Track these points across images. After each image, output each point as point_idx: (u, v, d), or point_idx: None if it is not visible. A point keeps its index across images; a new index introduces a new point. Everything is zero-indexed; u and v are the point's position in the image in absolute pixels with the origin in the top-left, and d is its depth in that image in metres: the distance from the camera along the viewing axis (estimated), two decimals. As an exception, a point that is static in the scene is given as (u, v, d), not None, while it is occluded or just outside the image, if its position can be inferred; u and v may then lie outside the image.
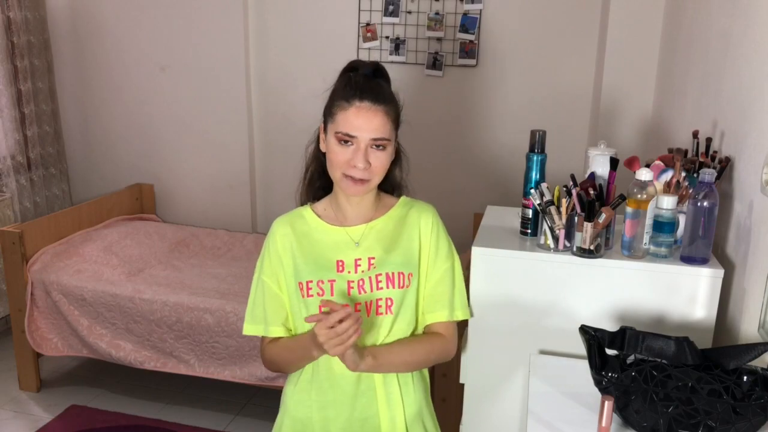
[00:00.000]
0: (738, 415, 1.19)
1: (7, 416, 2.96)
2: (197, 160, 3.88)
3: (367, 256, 1.48)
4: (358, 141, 1.40)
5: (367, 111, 1.39)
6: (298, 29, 3.58)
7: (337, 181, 1.45)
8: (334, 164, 1.43)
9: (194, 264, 3.33)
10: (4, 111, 3.56)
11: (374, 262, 1.48)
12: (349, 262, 1.48)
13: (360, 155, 1.40)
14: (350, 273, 1.47)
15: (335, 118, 1.41)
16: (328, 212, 1.54)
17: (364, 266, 1.48)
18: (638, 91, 2.97)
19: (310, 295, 1.46)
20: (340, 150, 1.41)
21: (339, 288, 1.46)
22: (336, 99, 1.43)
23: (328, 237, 1.51)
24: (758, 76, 1.61)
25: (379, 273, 1.47)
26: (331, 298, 1.45)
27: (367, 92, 1.40)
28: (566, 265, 1.66)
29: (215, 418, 2.97)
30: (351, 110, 1.39)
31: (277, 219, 1.55)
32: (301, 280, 1.47)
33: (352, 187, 1.43)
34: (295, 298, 1.48)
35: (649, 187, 1.59)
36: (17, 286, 3.05)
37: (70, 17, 3.87)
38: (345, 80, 1.44)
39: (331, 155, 1.43)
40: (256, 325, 1.52)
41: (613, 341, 1.33)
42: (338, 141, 1.41)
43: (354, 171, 1.41)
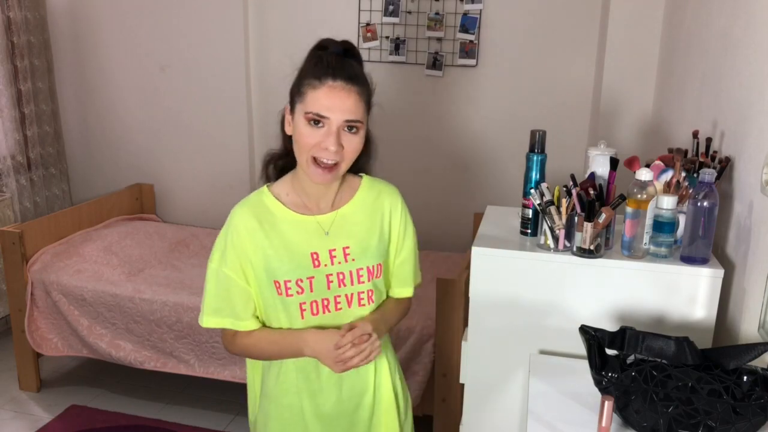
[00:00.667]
0: (738, 415, 1.19)
1: (7, 416, 2.96)
2: (197, 160, 3.88)
3: (341, 245, 1.43)
4: (330, 122, 1.31)
5: (341, 90, 1.31)
6: (298, 29, 3.58)
7: (304, 166, 1.36)
8: (301, 147, 1.34)
9: (194, 264, 3.33)
10: (4, 111, 3.56)
11: (350, 252, 1.43)
12: (324, 253, 1.42)
13: (332, 137, 1.31)
14: (327, 266, 1.42)
15: (304, 97, 1.32)
16: (292, 198, 1.45)
17: (339, 257, 1.43)
18: (638, 91, 2.97)
19: (290, 294, 1.41)
20: (309, 132, 1.32)
21: (318, 284, 1.41)
22: (305, 77, 1.33)
23: (298, 227, 1.43)
24: (758, 76, 1.61)
25: (360, 267, 1.44)
26: (311, 295, 1.41)
27: (340, 71, 1.32)
28: (566, 265, 1.66)
29: (215, 418, 2.97)
30: (323, 89, 1.31)
31: (236, 208, 1.45)
32: (276, 279, 1.40)
33: (320, 175, 1.35)
34: (269, 294, 1.42)
35: (649, 187, 1.59)
36: (17, 286, 3.05)
37: (70, 17, 3.87)
38: (315, 58, 1.36)
39: (299, 137, 1.34)
40: (221, 318, 1.45)
41: (613, 341, 1.33)
42: (308, 122, 1.32)
43: (324, 154, 1.32)
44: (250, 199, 1.46)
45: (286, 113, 1.41)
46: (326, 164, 1.34)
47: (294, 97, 1.37)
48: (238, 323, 1.45)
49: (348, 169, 1.40)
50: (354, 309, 1.46)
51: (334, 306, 1.44)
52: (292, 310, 1.42)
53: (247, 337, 1.47)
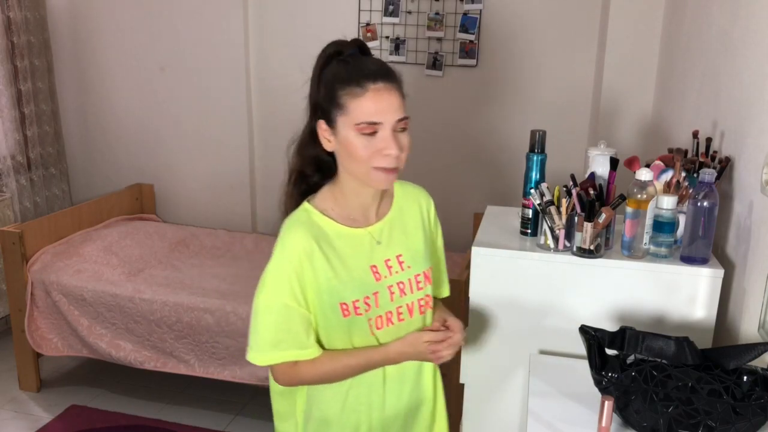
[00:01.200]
0: (738, 415, 1.19)
1: (7, 416, 2.96)
2: (197, 160, 3.87)
3: (393, 254, 1.39)
4: (383, 127, 1.25)
5: (385, 92, 1.25)
6: (298, 29, 3.58)
7: (363, 177, 1.30)
8: (358, 159, 1.27)
9: (194, 264, 3.33)
10: (4, 111, 3.56)
11: (404, 260, 1.40)
12: (381, 265, 1.38)
13: (392, 141, 1.25)
14: (386, 277, 1.38)
15: (347, 108, 1.25)
16: (339, 212, 1.37)
17: (395, 266, 1.39)
18: (638, 91, 2.97)
19: (359, 313, 1.34)
20: (365, 143, 1.25)
21: (382, 297, 1.37)
22: (339, 87, 1.27)
23: (354, 242, 1.36)
24: (758, 76, 1.61)
25: (417, 273, 1.41)
26: (376, 310, 1.36)
27: (377, 72, 1.26)
28: (566, 265, 1.66)
29: (215, 418, 2.97)
30: (368, 95, 1.24)
31: (290, 231, 1.34)
32: (343, 301, 1.33)
33: (385, 179, 1.29)
34: (334, 317, 1.34)
35: (649, 187, 1.59)
36: (17, 286, 3.04)
37: (70, 17, 3.87)
38: (341, 64, 1.29)
39: (354, 151, 1.27)
40: (282, 351, 1.33)
41: (613, 341, 1.33)
42: (360, 133, 1.25)
43: (386, 160, 1.26)
44: (299, 219, 1.35)
45: (321, 129, 1.32)
46: (389, 168, 1.28)
47: (330, 110, 1.28)
48: (303, 352, 1.34)
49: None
50: (415, 318, 1.42)
51: (396, 317, 1.39)
52: (362, 328, 1.36)
53: (312, 365, 1.36)
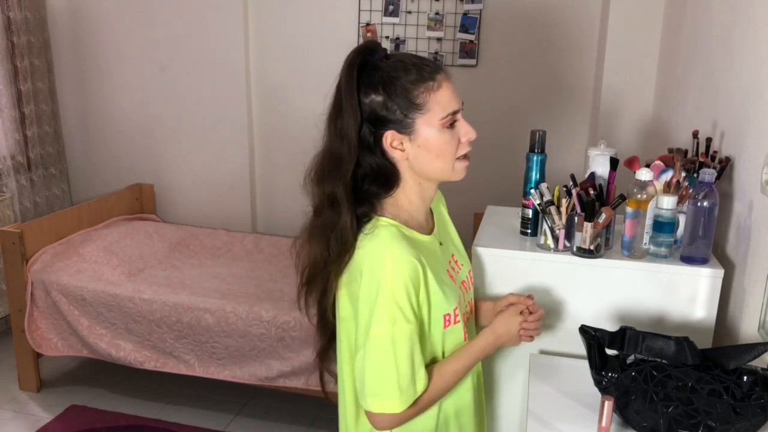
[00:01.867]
0: (738, 415, 1.19)
1: (7, 416, 2.96)
2: (197, 160, 3.87)
3: (449, 254, 1.39)
4: (459, 114, 1.26)
5: (448, 78, 1.25)
6: (298, 29, 3.58)
7: (446, 172, 1.27)
8: (445, 155, 1.24)
9: (194, 264, 3.33)
10: (4, 111, 3.56)
11: (458, 259, 1.40)
12: (450, 268, 1.36)
13: (467, 125, 1.26)
14: (455, 280, 1.36)
15: (426, 106, 1.21)
16: (409, 222, 1.30)
17: (456, 266, 1.38)
18: (638, 91, 2.97)
19: (457, 321, 1.30)
20: (449, 136, 1.23)
21: (462, 300, 1.34)
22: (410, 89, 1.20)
23: (431, 249, 1.32)
24: (758, 76, 1.61)
25: (470, 269, 1.44)
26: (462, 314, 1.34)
27: (433, 63, 1.26)
28: (566, 265, 1.66)
29: (215, 418, 2.97)
30: (443, 86, 1.23)
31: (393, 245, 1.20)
32: (447, 312, 1.28)
33: (466, 167, 1.29)
34: (437, 330, 1.28)
35: (649, 187, 1.59)
36: (17, 286, 3.04)
37: (70, 17, 3.86)
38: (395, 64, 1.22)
39: (440, 147, 1.23)
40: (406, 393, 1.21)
41: (613, 341, 1.33)
42: (444, 127, 1.22)
43: (465, 147, 1.26)
44: (393, 235, 1.22)
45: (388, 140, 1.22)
46: (468, 155, 1.28)
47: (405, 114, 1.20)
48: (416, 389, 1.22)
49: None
50: (472, 316, 1.41)
51: (464, 318, 1.36)
52: (458, 336, 1.33)
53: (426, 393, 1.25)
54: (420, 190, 1.30)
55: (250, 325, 2.73)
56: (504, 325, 1.36)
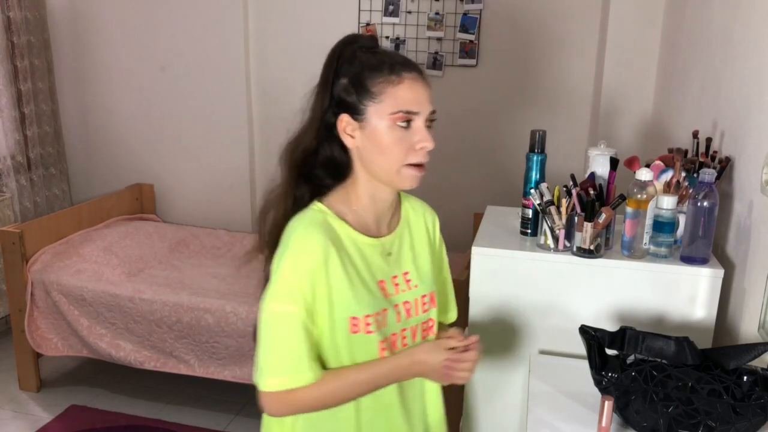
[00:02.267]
0: (738, 415, 1.19)
1: (7, 416, 2.95)
2: (197, 160, 3.87)
3: (401, 271, 1.29)
4: (419, 118, 1.18)
5: (421, 82, 1.19)
6: (298, 29, 3.58)
7: (392, 176, 1.20)
8: (389, 154, 1.18)
9: (194, 264, 3.33)
10: (4, 111, 3.56)
11: (411, 279, 1.30)
12: (388, 281, 1.27)
13: (426, 133, 1.18)
14: (392, 296, 1.27)
15: (381, 97, 1.17)
16: (354, 218, 1.25)
17: (402, 285, 1.29)
18: (638, 91, 2.97)
19: (369, 331, 1.21)
20: (400, 135, 1.17)
21: (391, 317, 1.25)
22: (371, 75, 1.18)
23: (367, 253, 1.25)
24: (758, 76, 1.61)
25: (424, 294, 1.31)
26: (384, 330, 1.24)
27: (410, 62, 1.21)
28: (566, 265, 1.66)
29: (215, 418, 2.97)
30: (406, 83, 1.17)
31: (306, 229, 1.19)
32: (355, 315, 1.20)
33: (415, 177, 1.21)
34: (340, 333, 1.21)
35: (649, 187, 1.59)
36: (17, 286, 3.04)
37: (70, 17, 3.86)
38: (368, 54, 1.21)
39: (388, 145, 1.17)
40: (287, 376, 1.18)
41: (613, 341, 1.33)
42: (394, 124, 1.17)
43: (420, 155, 1.19)
44: (314, 219, 1.21)
45: (342, 123, 1.20)
46: (420, 165, 1.20)
47: (359, 100, 1.18)
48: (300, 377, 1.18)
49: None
50: (418, 342, 1.31)
51: (401, 341, 1.28)
52: (370, 349, 1.23)
53: (316, 389, 1.20)
54: (371, 189, 1.24)
55: (250, 325, 2.73)
56: (424, 353, 1.24)
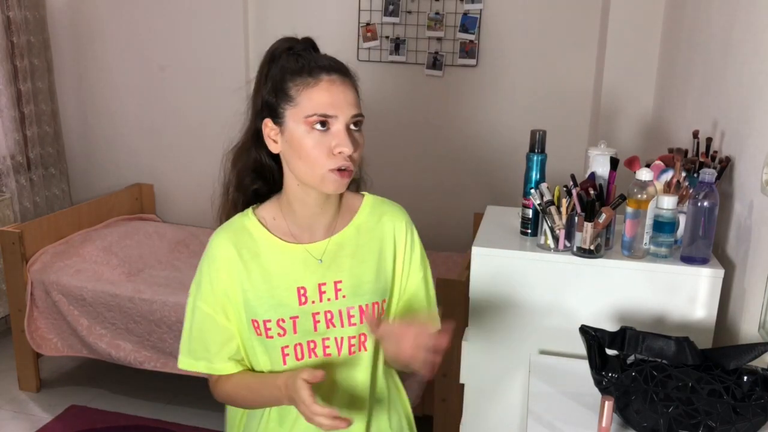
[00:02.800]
0: (738, 415, 1.19)
1: (7, 416, 2.95)
2: (197, 160, 3.87)
3: (332, 279, 1.23)
4: (337, 121, 1.14)
5: (340, 84, 1.15)
6: (298, 29, 3.55)
7: (316, 181, 1.17)
8: (307, 159, 1.14)
9: (194, 264, 3.29)
10: (4, 111, 3.56)
11: (342, 288, 1.23)
12: (312, 287, 1.22)
13: (345, 138, 1.13)
14: (314, 303, 1.22)
15: (297, 100, 1.14)
16: (279, 223, 1.25)
17: (330, 293, 1.23)
18: (638, 91, 2.97)
19: (270, 336, 1.21)
20: (316, 139, 1.13)
21: (303, 324, 1.22)
22: (289, 79, 1.16)
23: (284, 258, 1.23)
24: (758, 76, 1.61)
25: (351, 306, 1.23)
26: (294, 337, 1.22)
27: (331, 64, 1.17)
28: (566, 265, 1.66)
29: (215, 418, 2.97)
30: (321, 85, 1.14)
31: (215, 234, 1.25)
32: (255, 318, 1.21)
33: (337, 181, 1.16)
34: (248, 333, 1.24)
35: (649, 187, 1.59)
36: (17, 286, 3.04)
37: (70, 17, 3.86)
38: (291, 57, 1.18)
39: (306, 150, 1.14)
40: (195, 360, 1.26)
41: (613, 341, 1.33)
42: (311, 128, 1.13)
43: (338, 160, 1.14)
44: (232, 223, 1.26)
45: (266, 128, 1.20)
46: (341, 169, 1.15)
47: (278, 104, 1.17)
48: (212, 366, 1.26)
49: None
50: (344, 356, 1.25)
51: (322, 350, 1.24)
52: (274, 354, 1.23)
53: (226, 383, 1.28)
54: (301, 194, 1.21)
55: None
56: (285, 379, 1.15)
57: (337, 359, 1.25)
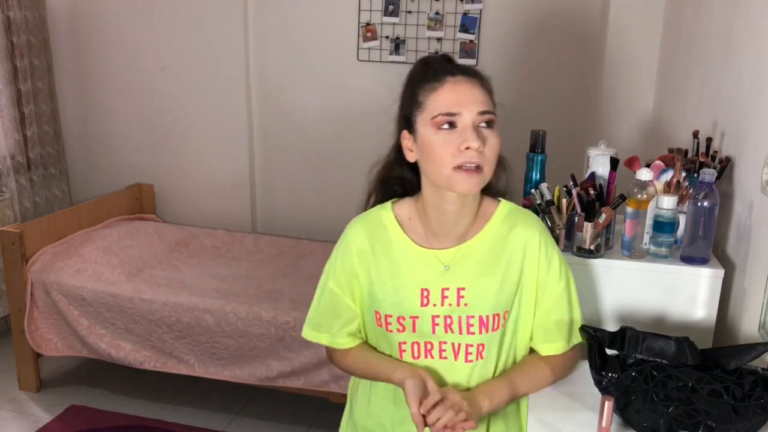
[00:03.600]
0: (738, 415, 1.19)
1: (7, 416, 2.95)
2: (197, 160, 3.87)
3: (455, 285, 1.27)
4: (462, 119, 1.17)
5: (465, 83, 1.20)
6: (298, 29, 3.58)
7: (445, 181, 1.19)
8: (437, 160, 1.18)
9: (194, 264, 3.33)
10: (4, 111, 3.56)
11: (465, 295, 1.27)
12: (435, 291, 1.27)
13: (471, 133, 1.16)
14: (435, 306, 1.27)
15: (425, 105, 1.20)
16: (414, 224, 1.30)
17: (452, 299, 1.27)
18: (638, 91, 2.97)
19: (390, 330, 1.29)
20: (443, 138, 1.17)
21: (421, 325, 1.27)
22: (419, 88, 1.22)
23: (413, 259, 1.28)
24: (758, 76, 1.61)
25: (471, 315, 1.27)
26: (413, 335, 1.28)
27: (457, 67, 1.23)
28: (566, 265, 1.65)
29: (215, 418, 2.97)
30: (446, 86, 1.19)
31: (352, 223, 1.33)
32: (378, 310, 1.29)
33: (466, 179, 1.17)
34: (370, 321, 1.33)
35: (649, 187, 1.59)
36: (17, 286, 3.04)
37: (70, 17, 3.86)
38: (423, 69, 1.25)
39: (432, 150, 1.18)
40: (318, 333, 1.37)
41: (613, 341, 1.33)
42: (438, 128, 1.17)
43: (467, 155, 1.16)
44: (369, 216, 1.33)
45: (404, 140, 1.26)
46: (470, 167, 1.17)
47: (411, 114, 1.23)
48: (334, 341, 1.36)
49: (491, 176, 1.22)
50: (460, 362, 1.29)
51: (438, 352, 1.29)
52: (393, 347, 1.32)
53: (346, 355, 1.38)
54: (437, 200, 1.25)
55: (249, 325, 2.73)
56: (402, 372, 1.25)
57: (453, 364, 1.29)
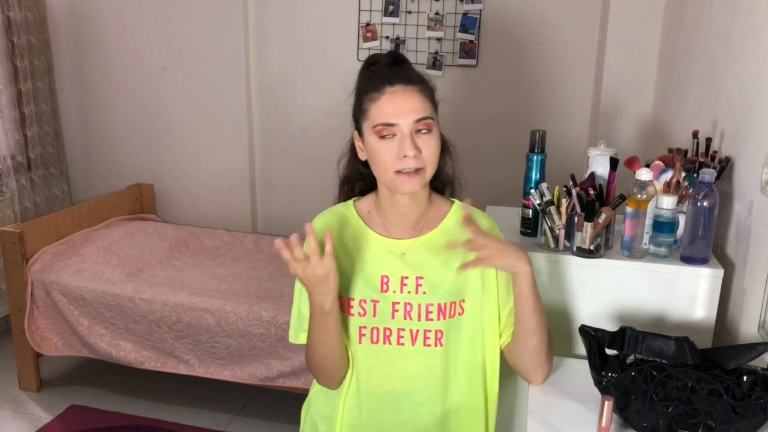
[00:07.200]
0: (738, 415, 1.19)
1: (7, 416, 2.96)
2: (197, 160, 3.87)
3: (414, 274, 1.35)
4: (400, 128, 1.26)
5: (402, 93, 1.27)
6: (298, 29, 3.58)
7: (389, 183, 1.31)
8: (381, 164, 1.29)
9: (194, 264, 3.33)
10: (4, 111, 3.56)
11: (423, 284, 1.34)
12: (395, 278, 1.35)
13: (407, 142, 1.25)
14: (395, 293, 1.34)
15: (368, 113, 1.29)
16: (373, 217, 1.40)
17: (410, 286, 1.34)
18: (638, 91, 2.97)
19: (351, 314, 1.35)
20: (383, 146, 1.27)
21: (382, 310, 1.34)
22: (363, 95, 1.31)
23: (373, 246, 1.37)
24: (758, 76, 1.61)
25: (429, 303, 1.34)
26: (372, 320, 1.34)
27: (396, 76, 1.29)
28: (566, 265, 1.65)
29: (215, 418, 2.97)
30: (384, 98, 1.27)
31: (319, 216, 1.41)
32: (342, 295, 1.34)
33: (407, 182, 1.28)
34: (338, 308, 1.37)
35: (649, 187, 1.59)
36: (17, 286, 3.04)
37: (70, 17, 3.87)
38: (368, 74, 1.33)
39: (376, 156, 1.29)
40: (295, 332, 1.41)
41: (613, 341, 1.33)
42: (378, 136, 1.27)
43: (404, 163, 1.26)
44: (332, 210, 1.43)
45: (356, 140, 1.37)
46: (409, 171, 1.27)
47: (358, 119, 1.33)
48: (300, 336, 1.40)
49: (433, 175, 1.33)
50: (418, 347, 1.34)
51: (396, 338, 1.35)
52: (352, 332, 1.36)
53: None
54: (387, 195, 1.36)
55: (250, 325, 2.73)
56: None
57: (410, 349, 1.35)
